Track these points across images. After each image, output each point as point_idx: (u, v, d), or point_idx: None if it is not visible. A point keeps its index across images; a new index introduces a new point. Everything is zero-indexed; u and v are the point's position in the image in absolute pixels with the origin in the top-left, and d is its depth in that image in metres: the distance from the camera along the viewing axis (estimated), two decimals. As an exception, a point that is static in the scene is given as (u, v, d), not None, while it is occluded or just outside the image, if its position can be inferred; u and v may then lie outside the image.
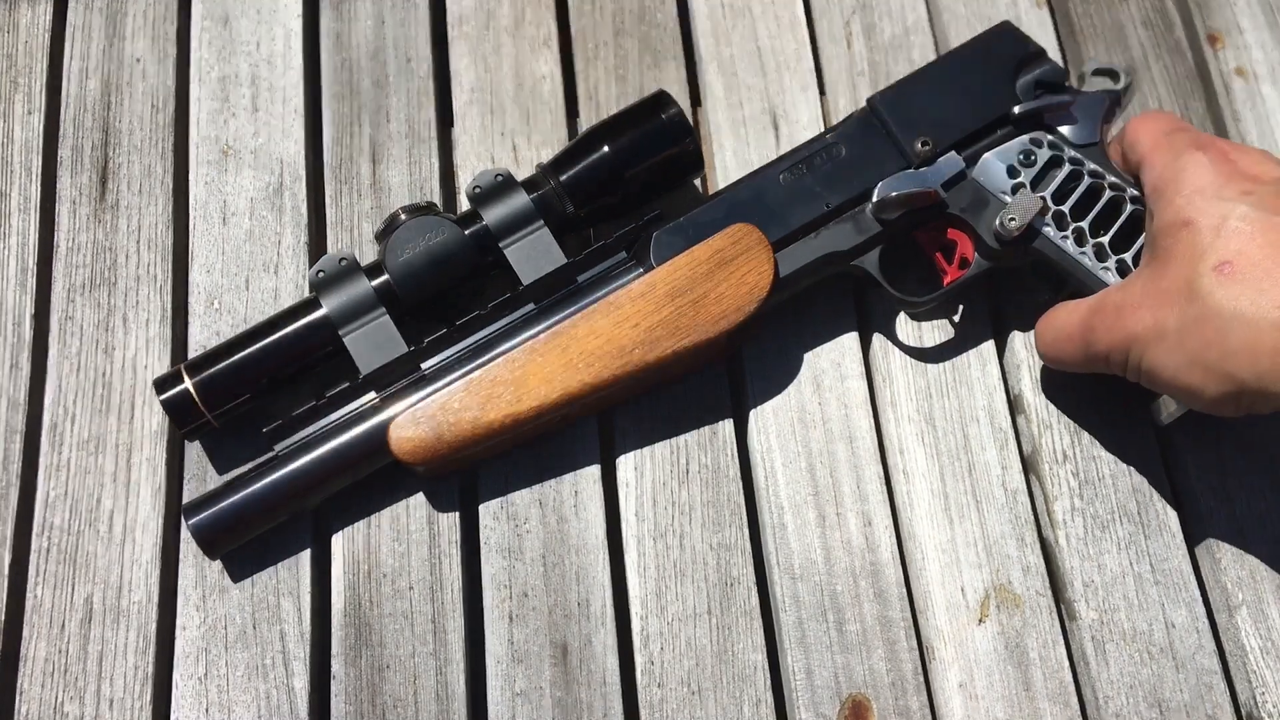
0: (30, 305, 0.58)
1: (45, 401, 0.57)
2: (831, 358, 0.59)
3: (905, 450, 0.57)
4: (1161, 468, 0.57)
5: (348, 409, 0.53)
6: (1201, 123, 0.64)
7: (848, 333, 0.59)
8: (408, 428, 0.52)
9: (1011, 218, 0.53)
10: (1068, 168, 0.55)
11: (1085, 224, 0.54)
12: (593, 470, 0.56)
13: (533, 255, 0.54)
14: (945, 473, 0.57)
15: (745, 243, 0.54)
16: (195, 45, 0.64)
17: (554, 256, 0.54)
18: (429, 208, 0.54)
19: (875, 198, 0.55)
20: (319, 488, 0.53)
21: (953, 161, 0.56)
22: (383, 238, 0.54)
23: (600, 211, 0.56)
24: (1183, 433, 0.58)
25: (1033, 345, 0.59)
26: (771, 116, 0.63)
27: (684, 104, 0.64)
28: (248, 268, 0.60)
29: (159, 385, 0.53)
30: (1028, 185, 0.55)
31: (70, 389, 0.57)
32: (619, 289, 0.54)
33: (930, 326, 0.60)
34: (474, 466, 0.56)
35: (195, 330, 0.58)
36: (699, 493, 0.56)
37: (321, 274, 0.53)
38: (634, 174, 0.55)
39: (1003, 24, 0.59)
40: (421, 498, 0.56)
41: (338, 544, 0.55)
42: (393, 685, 0.53)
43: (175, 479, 0.56)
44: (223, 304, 0.59)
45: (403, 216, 0.54)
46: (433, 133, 0.63)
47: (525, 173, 0.61)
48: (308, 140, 0.63)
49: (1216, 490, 0.57)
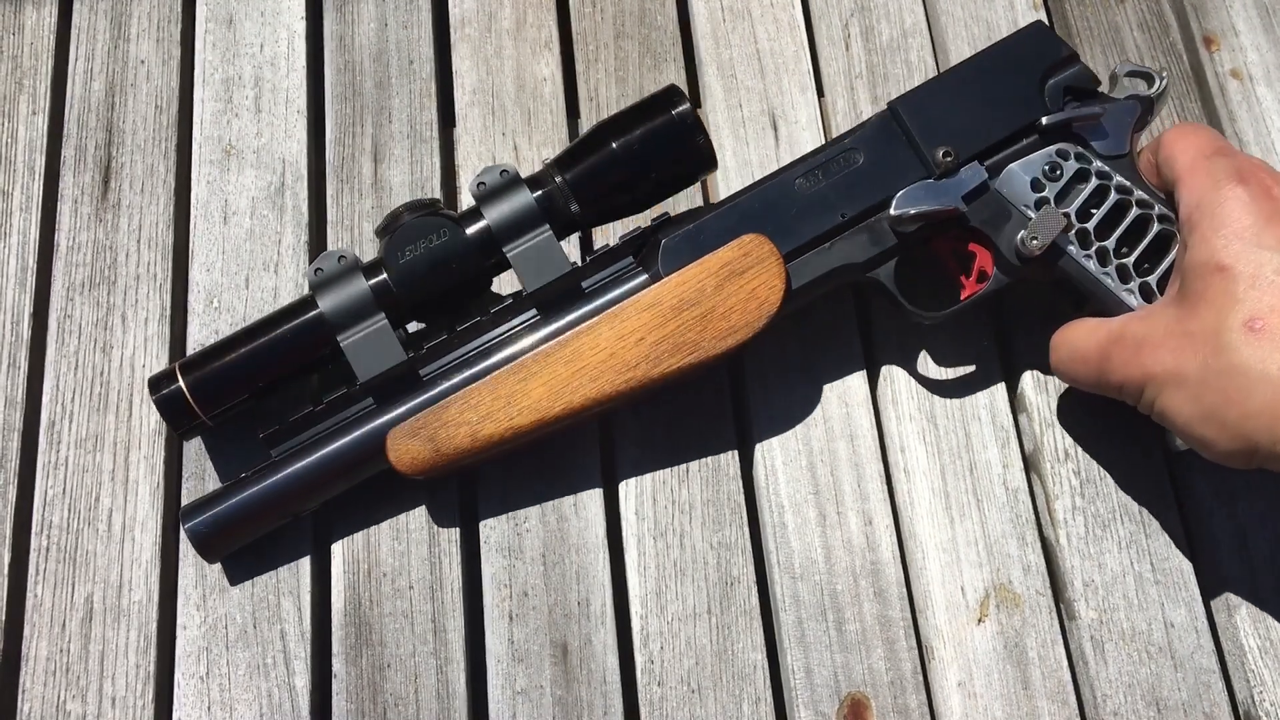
0: (29, 304, 0.58)
1: (43, 400, 0.57)
2: (832, 356, 0.58)
3: (906, 449, 0.57)
4: (1163, 467, 0.57)
5: (345, 414, 0.52)
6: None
7: (848, 331, 0.59)
8: (405, 439, 0.50)
9: (1034, 237, 0.51)
10: (1094, 182, 0.52)
11: (1109, 243, 0.51)
12: (593, 469, 0.56)
13: (536, 260, 0.51)
14: (946, 471, 0.56)
15: (756, 254, 0.51)
16: (199, 47, 0.64)
17: (558, 262, 0.51)
18: (433, 205, 0.52)
19: (893, 210, 0.52)
20: (316, 493, 0.52)
21: (975, 172, 0.53)
22: (383, 235, 0.52)
23: (607, 211, 0.53)
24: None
25: (1033, 345, 0.58)
26: (770, 118, 0.63)
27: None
28: (248, 266, 0.59)
29: (153, 384, 0.52)
30: (1051, 199, 0.52)
31: (68, 387, 0.57)
32: (623, 300, 0.51)
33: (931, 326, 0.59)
34: (475, 469, 0.55)
35: (194, 329, 0.58)
36: (699, 491, 0.55)
37: (320, 272, 0.51)
38: (642, 173, 0.52)
39: (1035, 24, 0.55)
40: (421, 497, 0.55)
41: (338, 543, 0.55)
42: (393, 684, 0.52)
43: (174, 477, 0.56)
44: (222, 303, 0.59)
45: (405, 215, 0.51)
46: (434, 133, 0.63)
47: (527, 172, 0.61)
48: (310, 140, 0.62)
49: (1218, 489, 0.56)
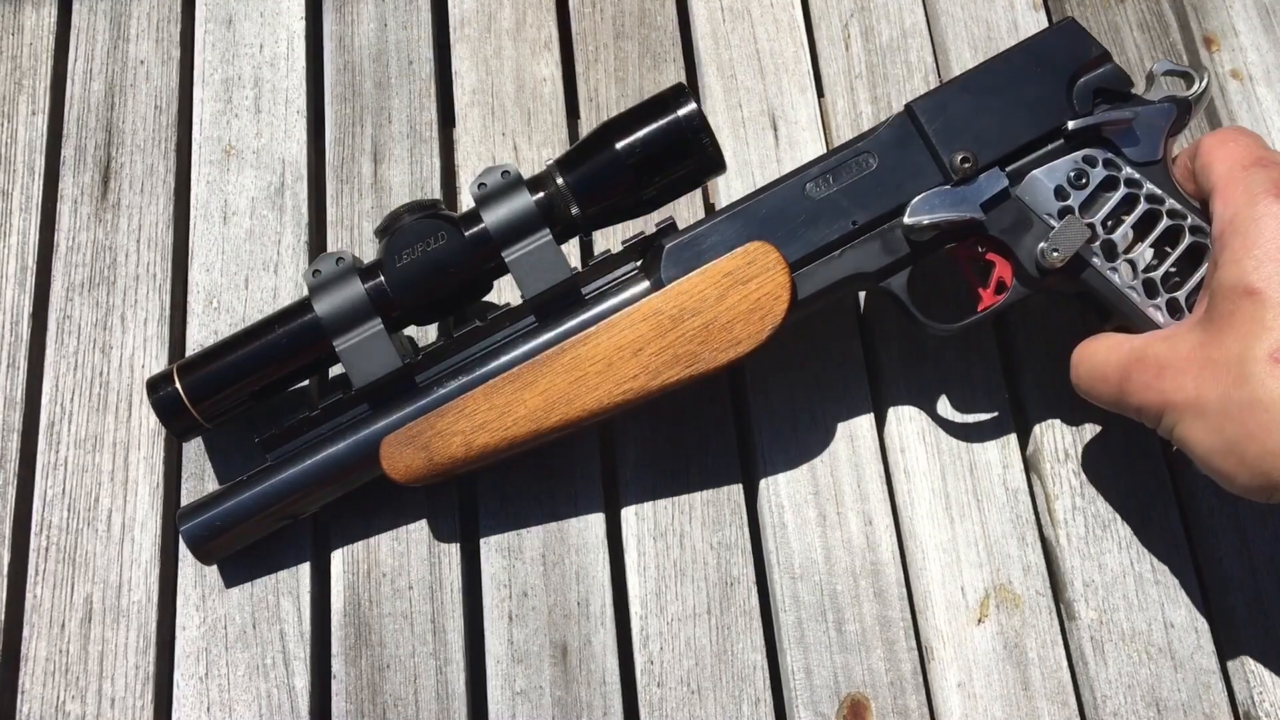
0: (29, 304, 0.58)
1: (43, 400, 0.56)
2: (832, 355, 0.57)
3: (906, 449, 0.56)
4: (1164, 466, 0.56)
5: (341, 419, 0.51)
6: (1198, 125, 0.62)
7: (848, 329, 0.58)
8: (399, 448, 0.49)
9: (1054, 248, 0.48)
10: (1123, 190, 0.49)
11: (1136, 256, 0.49)
12: (593, 470, 0.55)
13: (536, 266, 0.49)
14: (946, 472, 0.55)
15: (761, 263, 0.49)
16: (199, 47, 0.64)
17: (557, 268, 0.50)
18: (434, 206, 0.51)
19: (908, 218, 0.49)
20: (311, 498, 0.51)
21: (995, 179, 0.50)
22: (382, 235, 0.51)
23: (609, 214, 0.50)
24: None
25: (1034, 345, 0.57)
26: (770, 118, 0.62)
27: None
28: (248, 267, 0.59)
29: (150, 386, 0.51)
30: (1076, 209, 0.49)
31: (67, 387, 0.56)
32: (624, 308, 0.49)
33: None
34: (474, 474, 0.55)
35: (194, 329, 0.58)
36: (699, 491, 0.55)
37: (318, 274, 0.50)
38: (645, 175, 0.49)
39: (1067, 21, 0.51)
40: (421, 497, 0.54)
41: (337, 543, 0.54)
42: (393, 684, 0.52)
43: (174, 478, 0.55)
44: (222, 303, 0.58)
45: (405, 217, 0.50)
46: (434, 133, 0.62)
47: (528, 173, 0.60)
48: (310, 140, 0.62)
49: (1218, 489, 0.55)
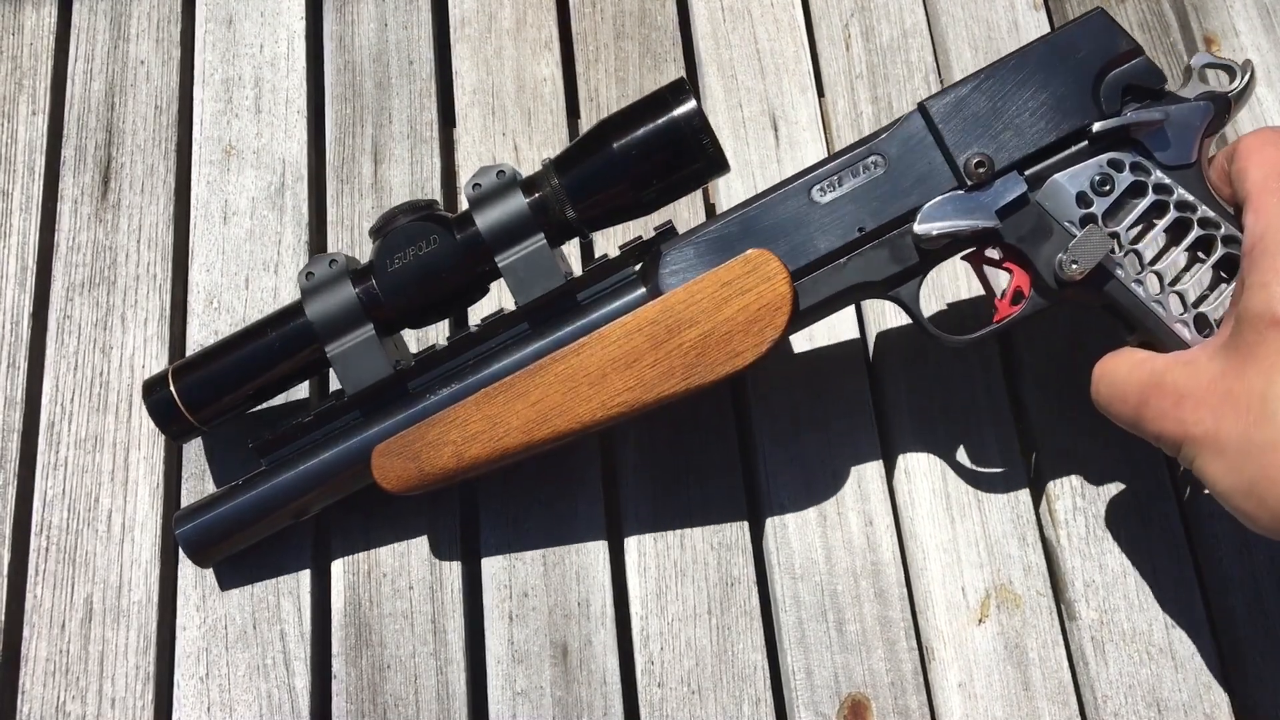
0: (29, 304, 0.57)
1: (43, 400, 0.56)
2: (832, 355, 0.57)
3: (906, 450, 0.55)
4: (1164, 466, 0.55)
5: (333, 425, 0.50)
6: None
7: (848, 329, 0.57)
8: (390, 458, 0.48)
9: (1073, 261, 0.45)
10: (1151, 197, 0.46)
11: (1163, 267, 0.46)
12: (593, 470, 0.55)
13: (529, 272, 0.48)
14: (947, 472, 0.55)
15: (762, 273, 0.46)
16: (199, 47, 0.63)
17: (550, 274, 0.48)
18: (430, 206, 0.50)
19: (918, 227, 0.46)
20: (306, 504, 0.50)
21: (1013, 183, 0.46)
22: (376, 236, 0.49)
23: (605, 216, 0.48)
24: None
25: (1035, 345, 0.57)
26: (770, 118, 0.61)
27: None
28: (248, 267, 0.58)
29: (146, 389, 0.50)
30: (1099, 216, 0.46)
31: (68, 388, 0.56)
32: (619, 316, 0.48)
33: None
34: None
35: (194, 329, 0.57)
36: (699, 492, 0.54)
37: (310, 276, 0.49)
38: (642, 177, 0.47)
39: (1095, 12, 0.47)
40: (422, 498, 0.54)
41: (337, 544, 0.54)
42: (393, 685, 0.51)
43: (174, 478, 0.55)
44: (222, 303, 0.58)
45: (400, 218, 0.49)
46: (434, 133, 0.61)
47: (528, 172, 0.59)
48: (310, 140, 0.61)
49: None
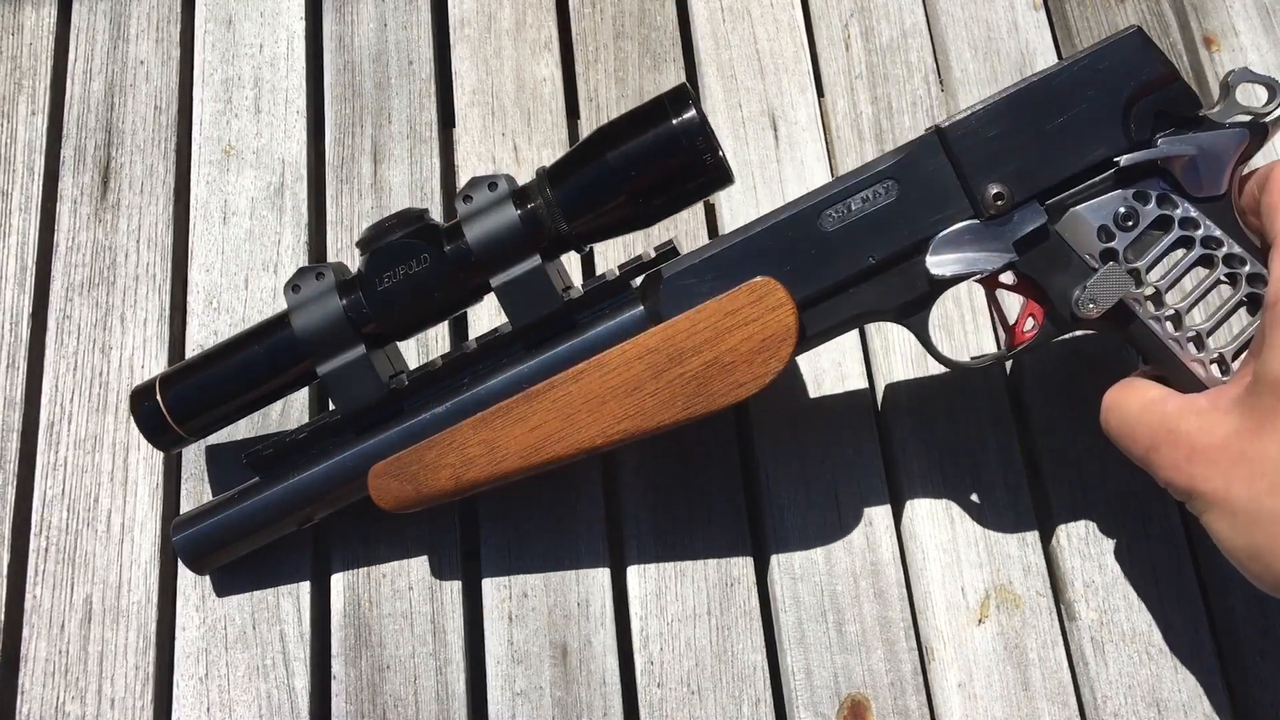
0: (28, 304, 0.57)
1: (42, 400, 0.56)
2: (832, 356, 0.56)
3: (906, 449, 0.55)
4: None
5: (327, 441, 0.49)
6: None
7: (850, 333, 0.56)
8: (388, 479, 0.47)
9: (1091, 300, 0.43)
10: (1176, 233, 0.44)
11: (1184, 305, 0.44)
12: (593, 470, 0.54)
13: (523, 295, 0.46)
14: (947, 472, 0.55)
15: (767, 302, 0.45)
16: (199, 47, 0.63)
17: (547, 297, 0.46)
18: (420, 218, 0.46)
19: (930, 265, 0.44)
20: (301, 516, 0.49)
21: (1033, 213, 0.44)
22: (364, 249, 0.46)
23: (600, 230, 0.46)
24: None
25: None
26: (770, 118, 0.61)
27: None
28: (247, 267, 0.58)
29: (133, 398, 0.49)
30: (1121, 252, 0.44)
31: (67, 388, 0.56)
32: (619, 342, 0.46)
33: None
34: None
35: (194, 330, 0.57)
36: (699, 492, 0.54)
37: (296, 290, 0.47)
38: (639, 190, 0.44)
39: (1131, 31, 0.44)
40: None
41: (337, 546, 0.53)
42: (393, 685, 0.51)
43: (173, 479, 0.55)
44: (221, 303, 0.57)
45: (391, 234, 0.46)
46: (434, 133, 0.61)
47: (527, 173, 0.59)
48: (309, 140, 0.61)
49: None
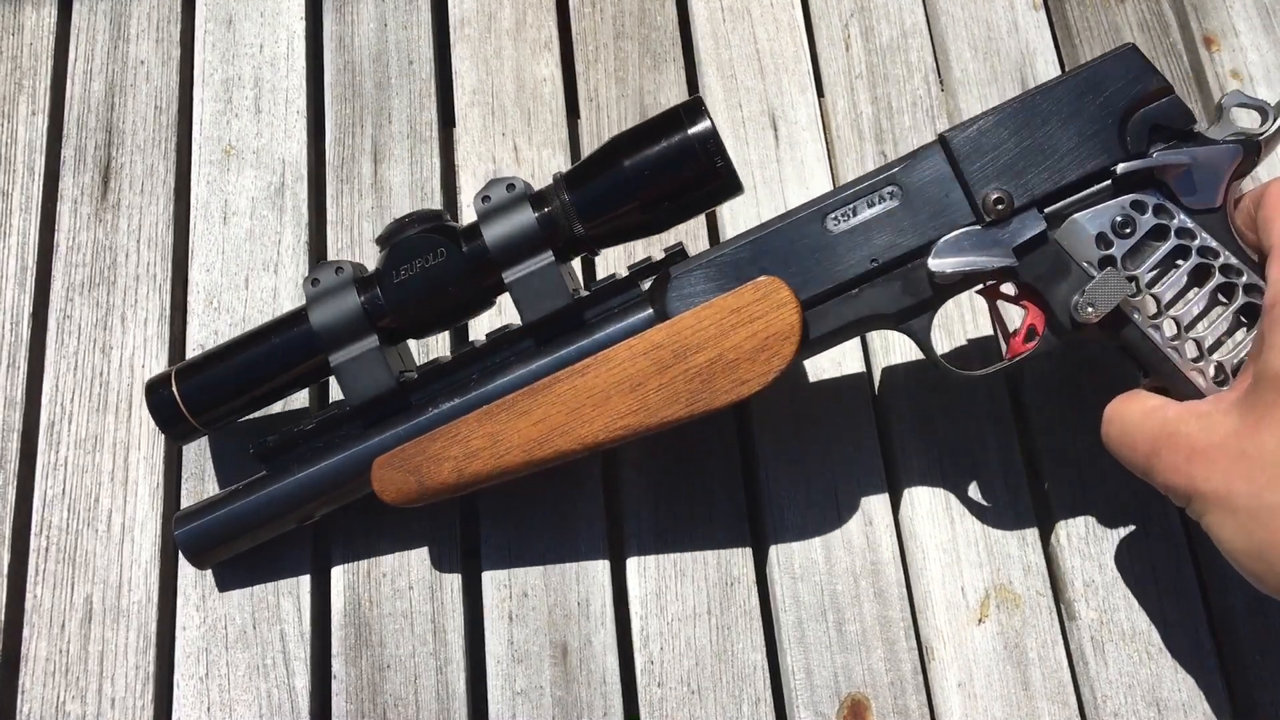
0: (29, 304, 0.57)
1: (43, 400, 0.56)
2: (832, 356, 0.56)
3: (907, 449, 0.55)
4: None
5: (334, 434, 0.50)
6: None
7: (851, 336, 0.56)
8: (391, 470, 0.48)
9: (1089, 304, 0.44)
10: (1173, 241, 0.45)
11: (1181, 313, 0.45)
12: (593, 469, 0.54)
13: (536, 289, 0.47)
14: (947, 471, 0.54)
15: (771, 300, 0.46)
16: (199, 47, 0.63)
17: (558, 292, 0.47)
18: (437, 218, 0.48)
19: (933, 263, 0.45)
20: (305, 512, 0.50)
21: (1032, 220, 0.46)
22: (383, 245, 0.48)
23: (614, 234, 0.47)
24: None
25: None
26: (770, 118, 0.61)
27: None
28: (247, 267, 0.58)
29: (148, 389, 0.50)
30: (1119, 259, 0.45)
31: (67, 388, 0.56)
32: (625, 338, 0.47)
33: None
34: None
35: (194, 329, 0.57)
36: (699, 491, 0.54)
37: (316, 283, 0.48)
38: (653, 196, 0.46)
39: (1126, 48, 0.46)
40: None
41: (337, 544, 0.53)
42: (393, 684, 0.51)
43: (173, 478, 0.55)
44: (221, 303, 0.57)
45: (409, 229, 0.47)
46: (434, 133, 0.61)
47: (527, 173, 0.59)
48: (310, 140, 0.61)
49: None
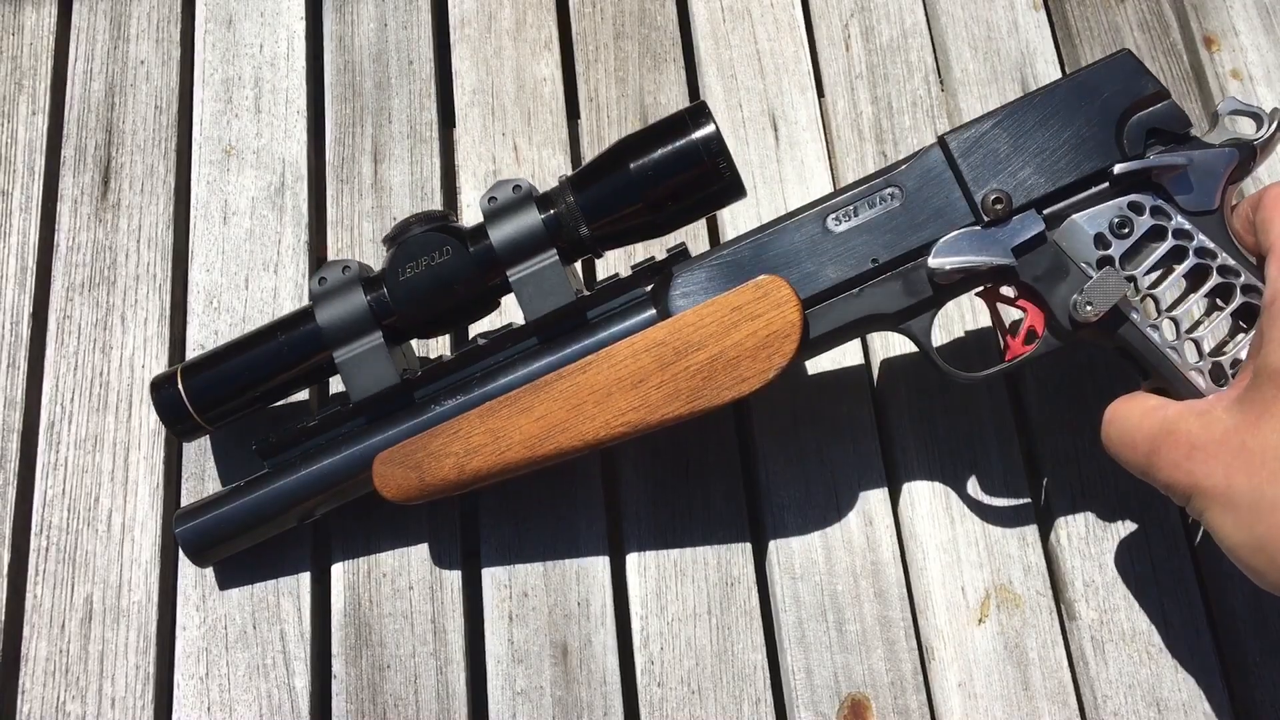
0: (29, 304, 0.57)
1: (43, 400, 0.56)
2: (833, 355, 0.56)
3: (907, 448, 0.55)
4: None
5: (337, 431, 0.50)
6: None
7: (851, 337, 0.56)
8: (392, 466, 0.48)
9: (1088, 303, 0.44)
10: (1170, 242, 0.45)
11: (1180, 314, 0.45)
12: (593, 469, 0.54)
13: (540, 287, 0.47)
14: (947, 471, 0.54)
15: (772, 299, 0.46)
16: (199, 47, 0.63)
17: (561, 290, 0.47)
18: (443, 218, 0.48)
19: (932, 260, 0.46)
20: (307, 509, 0.50)
21: (1031, 221, 0.46)
22: (390, 244, 0.48)
23: (619, 236, 0.48)
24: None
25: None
26: (770, 118, 0.61)
27: (683, 106, 0.61)
28: (247, 267, 0.58)
29: (154, 386, 0.50)
30: (1117, 259, 0.45)
31: (67, 388, 0.56)
32: (625, 337, 0.47)
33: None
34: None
35: (194, 329, 0.57)
36: (699, 491, 0.54)
37: (323, 282, 0.48)
38: (657, 198, 0.46)
39: (1121, 53, 0.47)
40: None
41: (337, 543, 0.53)
42: (393, 685, 0.51)
43: (174, 478, 0.55)
44: (221, 303, 0.57)
45: (415, 227, 0.48)
46: (434, 133, 0.61)
47: (527, 171, 0.59)
48: (310, 140, 0.61)
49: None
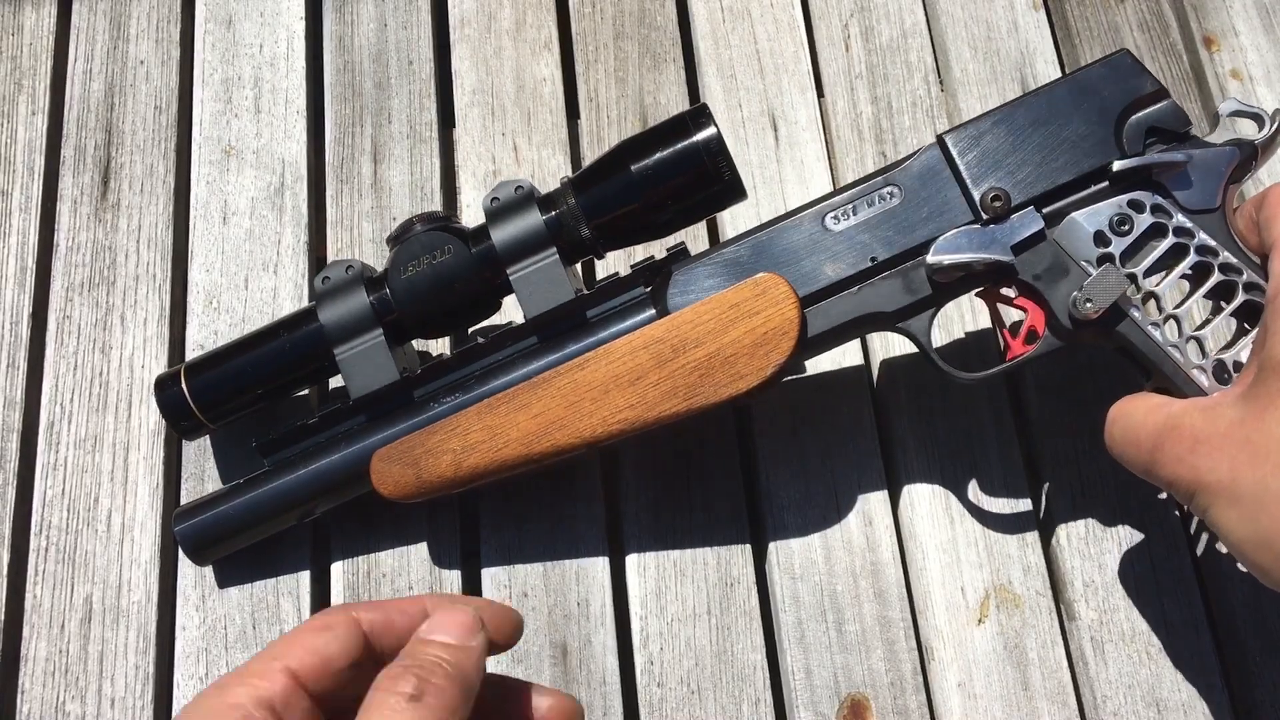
0: (28, 304, 0.57)
1: (42, 400, 0.56)
2: (832, 355, 0.56)
3: (906, 449, 0.55)
4: (1162, 467, 0.54)
5: (337, 429, 0.50)
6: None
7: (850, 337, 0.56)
8: (389, 463, 0.48)
9: (1088, 299, 0.44)
10: (1171, 240, 0.45)
11: (1181, 312, 0.45)
12: (593, 470, 0.54)
13: (540, 286, 0.48)
14: (946, 472, 0.54)
15: (770, 296, 0.46)
16: (199, 47, 0.63)
17: (561, 289, 0.48)
18: (445, 219, 0.49)
19: (931, 258, 0.46)
20: (306, 507, 0.50)
21: (1030, 219, 0.46)
22: (393, 244, 0.49)
23: (620, 237, 0.48)
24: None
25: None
26: (770, 118, 0.61)
27: (682, 106, 0.61)
28: (247, 267, 0.58)
29: (158, 385, 0.50)
30: (1117, 257, 0.45)
31: (67, 388, 0.56)
32: (623, 335, 0.47)
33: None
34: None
35: (194, 330, 0.57)
36: (699, 491, 0.54)
37: (327, 280, 0.49)
38: (658, 199, 0.47)
39: (1120, 53, 0.47)
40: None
41: (337, 543, 0.53)
42: (392, 685, 0.50)
43: (173, 478, 0.55)
44: (221, 303, 0.57)
45: (417, 227, 0.48)
46: (434, 133, 0.61)
47: (527, 171, 0.59)
48: (309, 140, 0.61)
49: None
